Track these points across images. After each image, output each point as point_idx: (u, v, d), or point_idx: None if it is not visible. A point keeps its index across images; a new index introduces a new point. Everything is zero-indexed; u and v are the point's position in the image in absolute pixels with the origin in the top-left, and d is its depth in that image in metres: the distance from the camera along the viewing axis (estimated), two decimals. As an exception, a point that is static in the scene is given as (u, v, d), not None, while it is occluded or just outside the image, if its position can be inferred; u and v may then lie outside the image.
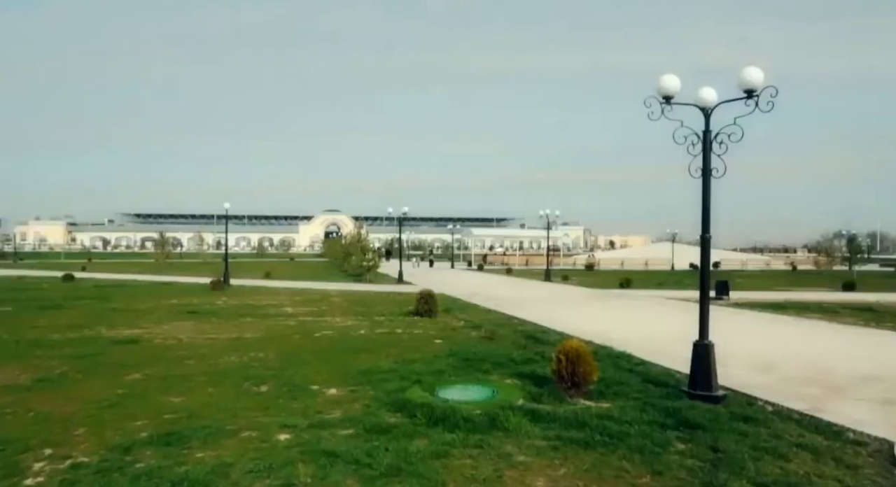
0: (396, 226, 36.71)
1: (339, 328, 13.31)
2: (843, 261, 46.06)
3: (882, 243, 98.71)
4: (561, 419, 6.22)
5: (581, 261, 59.49)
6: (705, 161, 7.14)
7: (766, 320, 15.75)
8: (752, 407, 6.83)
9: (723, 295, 20.83)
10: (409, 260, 61.74)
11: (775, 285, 30.06)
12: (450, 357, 9.71)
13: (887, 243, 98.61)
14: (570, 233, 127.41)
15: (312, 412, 6.58)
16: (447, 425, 6.03)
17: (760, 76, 6.77)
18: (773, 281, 33.26)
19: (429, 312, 15.01)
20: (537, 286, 29.59)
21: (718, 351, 7.30)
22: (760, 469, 4.96)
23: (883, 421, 6.31)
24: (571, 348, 7.18)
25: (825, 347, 11.35)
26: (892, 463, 5.15)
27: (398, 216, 34.34)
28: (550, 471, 4.97)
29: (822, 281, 32.34)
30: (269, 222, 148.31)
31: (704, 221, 7.29)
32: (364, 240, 33.86)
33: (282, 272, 38.81)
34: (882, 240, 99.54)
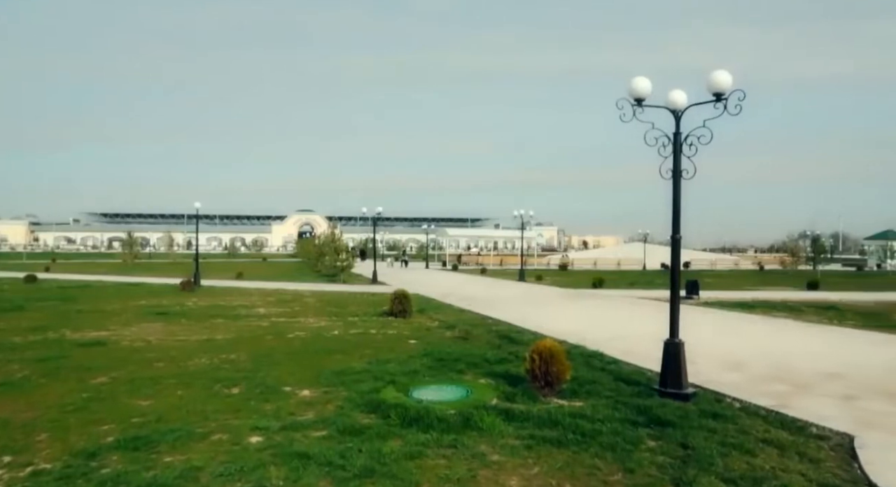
0: (371, 226, 36.52)
1: (313, 329, 13.19)
2: (808, 261, 47.30)
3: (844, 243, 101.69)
4: (534, 418, 6.25)
5: (555, 261, 59.98)
6: (676, 162, 7.25)
7: (734, 319, 16.08)
8: (721, 404, 6.96)
9: (693, 295, 21.22)
10: (385, 260, 61.52)
11: (743, 284, 30.73)
12: (424, 357, 9.69)
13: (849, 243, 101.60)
14: (545, 233, 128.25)
15: (285, 413, 6.51)
16: (421, 425, 6.02)
17: (729, 80, 6.91)
18: (741, 281, 33.99)
19: (403, 312, 14.97)
20: (511, 286, 29.74)
21: (688, 349, 7.43)
22: (728, 464, 5.06)
23: (844, 416, 6.50)
24: (545, 348, 7.22)
25: (791, 345, 11.63)
26: (853, 457, 5.30)
27: (372, 216, 34.18)
28: (524, 470, 4.99)
29: (788, 281, 33.17)
30: (241, 222, 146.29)
31: (675, 222, 7.41)
32: (338, 240, 33.61)
33: (254, 272, 38.32)
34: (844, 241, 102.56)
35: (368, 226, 42.15)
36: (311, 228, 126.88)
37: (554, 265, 55.87)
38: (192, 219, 38.50)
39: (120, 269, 42.02)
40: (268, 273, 38.93)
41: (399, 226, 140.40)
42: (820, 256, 45.45)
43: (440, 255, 66.75)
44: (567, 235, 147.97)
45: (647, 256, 54.15)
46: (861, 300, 21.57)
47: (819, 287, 26.87)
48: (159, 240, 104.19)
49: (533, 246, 72.76)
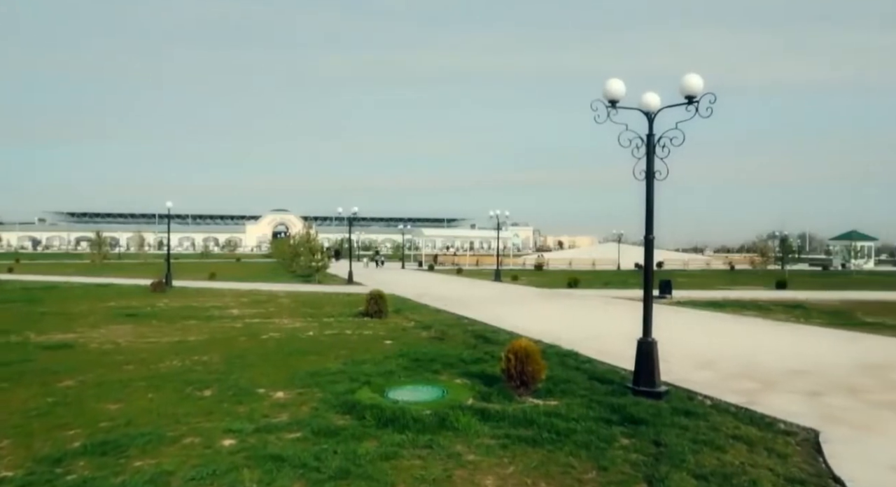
0: (346, 226, 36.28)
1: (287, 329, 13.06)
2: (777, 261, 48.39)
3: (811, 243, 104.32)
4: (510, 417, 6.28)
5: (530, 261, 60.35)
6: (649, 164, 7.35)
7: (706, 318, 16.37)
8: (693, 402, 7.08)
9: (666, 294, 21.54)
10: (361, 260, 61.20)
11: (715, 284, 31.31)
12: (400, 357, 9.67)
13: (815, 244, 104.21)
14: (520, 233, 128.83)
15: (258, 416, 6.43)
16: (397, 426, 6.00)
17: (700, 83, 7.03)
18: (712, 281, 34.62)
19: (379, 313, 14.91)
20: (487, 286, 29.83)
21: (661, 348, 7.54)
22: (699, 461, 5.14)
23: (810, 412, 6.67)
24: (520, 347, 7.26)
25: (760, 343, 11.88)
26: (818, 451, 5.44)
27: (348, 216, 33.97)
28: (499, 469, 5.01)
29: (757, 280, 33.88)
30: (214, 222, 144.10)
31: (648, 222, 7.51)
32: (313, 240, 33.34)
33: (227, 273, 37.79)
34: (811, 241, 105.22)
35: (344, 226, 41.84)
36: (285, 228, 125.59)
37: (529, 265, 56.19)
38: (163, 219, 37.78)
39: (88, 270, 41.04)
40: (242, 273, 38.42)
41: (375, 226, 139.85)
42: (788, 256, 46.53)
43: (416, 255, 66.65)
44: (543, 235, 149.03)
45: (622, 256, 54.78)
46: (826, 299, 22.14)
47: (787, 286, 27.50)
48: (129, 240, 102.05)
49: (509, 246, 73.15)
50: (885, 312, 17.53)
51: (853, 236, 62.31)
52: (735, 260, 64.33)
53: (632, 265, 51.47)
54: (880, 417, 6.58)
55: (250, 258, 79.99)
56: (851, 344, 11.81)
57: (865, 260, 60.41)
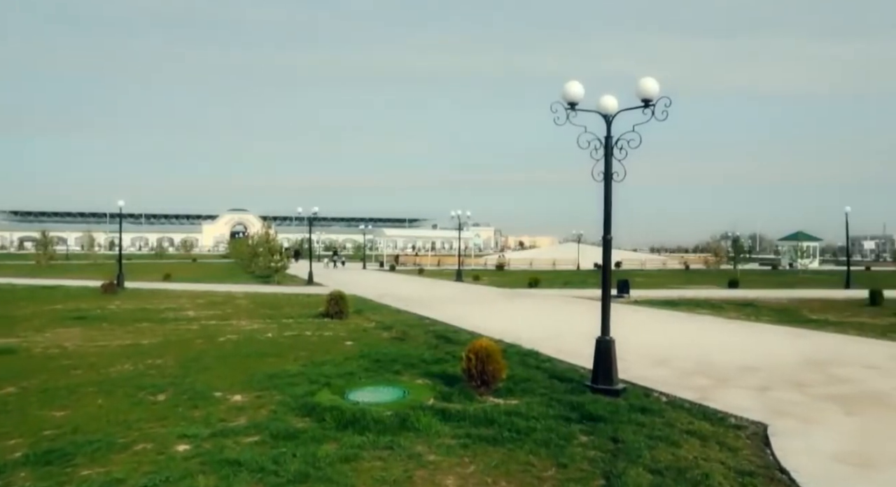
0: (307, 226, 35.81)
1: (245, 331, 12.80)
2: (729, 261, 49.95)
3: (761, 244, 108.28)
4: (470, 417, 6.30)
5: (492, 262, 60.73)
6: (607, 165, 7.49)
7: (662, 316, 16.78)
8: (649, 399, 7.24)
9: (623, 294, 21.99)
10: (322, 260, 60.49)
11: (670, 283, 32.14)
12: (360, 358, 9.59)
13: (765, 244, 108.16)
14: (482, 233, 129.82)
15: (215, 420, 6.27)
16: (357, 427, 5.95)
17: (656, 87, 7.20)
18: (668, 280, 35.52)
19: (339, 314, 14.76)
20: (449, 286, 29.90)
21: (619, 346, 7.68)
22: (655, 456, 5.26)
23: (759, 407, 6.91)
24: (481, 347, 7.30)
25: (713, 341, 12.25)
26: (766, 444, 5.64)
27: (308, 216, 33.55)
28: (460, 469, 5.02)
29: (711, 279, 34.94)
30: (169, 221, 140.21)
31: (606, 223, 7.64)
32: (272, 240, 32.78)
33: (183, 273, 36.81)
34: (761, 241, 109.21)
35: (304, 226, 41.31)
36: (244, 228, 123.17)
37: (491, 265, 56.54)
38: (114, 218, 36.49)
39: (33, 271, 39.34)
40: (198, 274, 37.49)
41: (336, 226, 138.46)
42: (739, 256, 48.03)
43: (377, 256, 66.30)
44: (504, 236, 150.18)
45: (581, 256, 55.69)
46: (775, 297, 23.00)
47: (739, 285, 28.46)
48: (78, 240, 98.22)
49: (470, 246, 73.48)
50: (828, 309, 18.33)
51: (799, 237, 64.90)
52: (690, 260, 66.19)
53: (591, 265, 52.36)
54: (823, 410, 6.87)
55: (207, 258, 78.13)
56: (797, 340, 12.29)
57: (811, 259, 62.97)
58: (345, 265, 55.20)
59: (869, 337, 12.73)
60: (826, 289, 27.39)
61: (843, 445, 5.67)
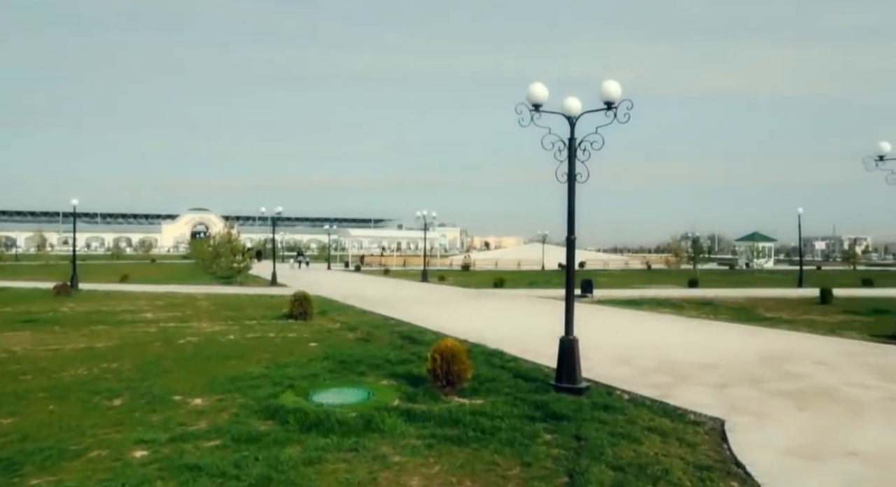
0: (270, 226, 35.27)
1: (206, 333, 12.52)
2: (689, 261, 51.23)
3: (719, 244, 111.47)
4: (436, 417, 6.30)
5: (458, 262, 60.89)
6: (570, 167, 7.58)
7: (624, 315, 17.09)
8: (612, 397, 7.36)
9: (587, 294, 22.30)
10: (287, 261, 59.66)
11: (633, 283, 32.76)
12: (325, 360, 9.50)
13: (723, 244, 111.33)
14: (448, 234, 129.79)
15: (174, 424, 6.12)
16: (321, 429, 5.88)
17: (618, 89, 7.33)
18: (631, 280, 36.21)
19: (303, 315, 14.58)
20: (414, 286, 29.85)
21: (582, 345, 7.79)
22: (617, 453, 5.35)
23: (717, 403, 7.10)
24: (446, 347, 7.30)
25: (674, 339, 12.54)
26: (723, 439, 5.80)
27: (272, 216, 33.06)
28: (425, 470, 5.01)
29: (672, 279, 35.75)
30: (126, 221, 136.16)
31: (570, 224, 7.74)
32: (235, 240, 32.18)
33: (142, 274, 35.82)
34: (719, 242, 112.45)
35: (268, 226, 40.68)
36: (205, 228, 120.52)
37: (457, 265, 56.71)
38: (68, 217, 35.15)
39: (-19, 272, 37.75)
40: (157, 275, 36.53)
41: (300, 226, 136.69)
42: (699, 256, 49.31)
43: (343, 256, 65.75)
44: (470, 236, 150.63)
45: (546, 256, 56.32)
46: (732, 296, 23.68)
47: (698, 284, 29.21)
48: (29, 240, 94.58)
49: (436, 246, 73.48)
50: (782, 307, 18.97)
51: (755, 237, 67.01)
52: (652, 260, 67.63)
53: (556, 265, 52.98)
54: (777, 405, 7.10)
55: (167, 259, 76.21)
56: (753, 337, 12.67)
57: (766, 259, 65.14)
58: (309, 266, 54.58)
59: (819, 333, 13.22)
60: (780, 288, 28.34)
61: (795, 439, 5.87)
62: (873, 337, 12.71)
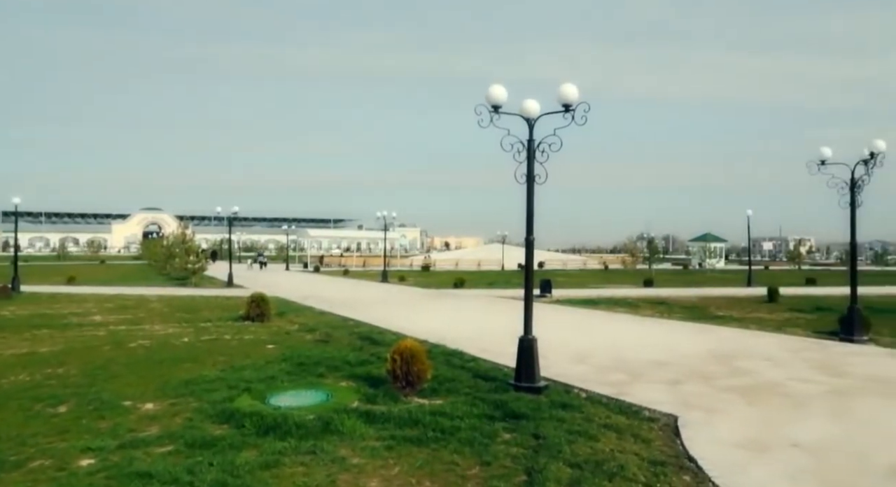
0: (226, 226, 34.50)
1: (159, 336, 12.15)
2: (645, 261, 52.51)
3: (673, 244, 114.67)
4: (395, 418, 6.27)
5: (418, 262, 60.82)
6: (529, 168, 7.66)
7: (582, 315, 17.38)
8: (569, 395, 7.47)
9: (546, 293, 22.59)
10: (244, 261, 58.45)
11: (590, 282, 33.34)
12: (283, 362, 9.34)
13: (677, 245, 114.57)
14: (408, 234, 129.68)
15: (123, 431, 5.91)
16: (278, 433, 5.78)
17: (576, 92, 7.44)
18: (588, 279, 36.84)
19: (261, 316, 14.31)
20: (374, 287, 29.67)
21: (541, 344, 7.88)
22: (574, 450, 5.43)
23: (670, 399, 7.29)
24: (406, 348, 7.28)
25: (629, 338, 12.81)
26: (676, 434, 5.96)
27: (228, 215, 32.33)
28: (384, 471, 4.98)
29: (628, 279, 36.55)
30: (73, 220, 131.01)
31: (528, 224, 7.82)
32: (189, 240, 31.34)
33: (90, 276, 34.53)
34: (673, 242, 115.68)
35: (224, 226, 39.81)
36: (158, 228, 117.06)
37: (417, 266, 56.61)
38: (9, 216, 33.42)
39: (-86, 274, 35.69)
40: (107, 276, 35.27)
41: (258, 226, 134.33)
42: (654, 256, 50.62)
43: (301, 257, 64.83)
44: (430, 236, 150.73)
45: (506, 257, 56.77)
46: (685, 295, 24.37)
47: (653, 284, 29.96)
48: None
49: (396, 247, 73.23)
50: (732, 306, 19.63)
51: (708, 238, 69.15)
52: (609, 261, 68.96)
53: (515, 265, 53.45)
54: (727, 400, 7.34)
55: (117, 260, 73.69)
56: (705, 335, 13.07)
57: (717, 259, 67.31)
58: (266, 266, 53.58)
59: (767, 331, 13.73)
60: (730, 288, 29.31)
61: (743, 433, 6.07)
62: (816, 333, 13.29)
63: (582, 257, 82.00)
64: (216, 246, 74.44)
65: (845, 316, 12.56)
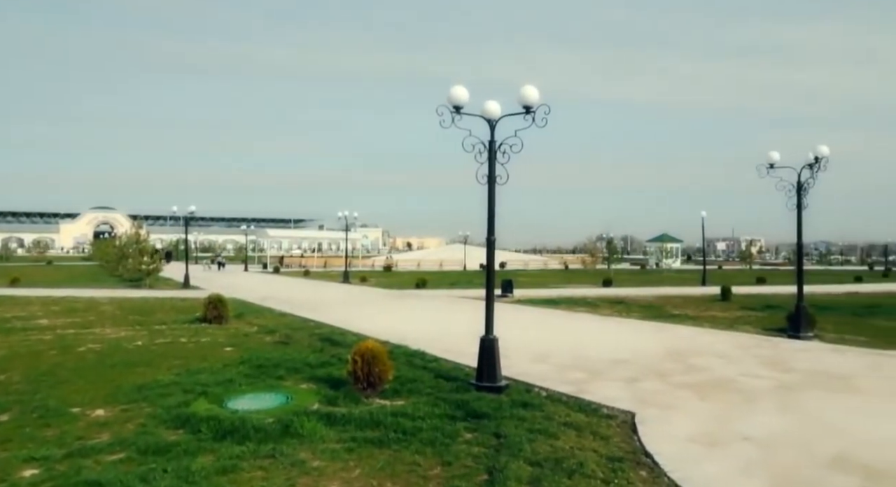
0: (183, 225, 33.60)
1: (110, 340, 11.75)
2: (604, 261, 53.48)
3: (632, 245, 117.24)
4: (356, 420, 6.22)
5: (380, 263, 60.49)
6: (490, 169, 7.71)
7: (543, 314, 17.58)
8: (530, 394, 7.54)
9: (507, 293, 22.77)
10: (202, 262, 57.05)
11: (551, 282, 33.77)
12: (241, 364, 9.15)
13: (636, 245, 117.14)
14: (370, 234, 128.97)
15: (71, 439, 5.69)
16: (236, 437, 5.66)
17: (536, 94, 7.52)
18: (549, 279, 37.31)
19: (218, 318, 13.99)
20: (335, 287, 29.38)
21: (502, 344, 7.93)
22: (535, 449, 5.49)
23: (628, 397, 7.44)
24: (367, 349, 7.23)
25: (588, 336, 13.03)
26: (633, 431, 6.09)
27: (184, 215, 31.49)
28: (345, 474, 4.94)
29: (588, 278, 37.16)
30: (17, 219, 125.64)
31: (490, 225, 7.86)
32: (143, 240, 30.39)
33: (35, 277, 33.17)
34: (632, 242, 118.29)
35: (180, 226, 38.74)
36: (110, 228, 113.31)
37: (379, 266, 56.29)
38: (-50, 216, 31.55)
39: None
40: (54, 278, 33.92)
41: (216, 226, 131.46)
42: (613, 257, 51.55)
43: (261, 257, 63.69)
44: (392, 237, 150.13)
45: (468, 257, 56.94)
46: (643, 294, 24.94)
47: (612, 284, 30.55)
48: None
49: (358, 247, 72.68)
50: (687, 305, 20.18)
51: (664, 239, 70.91)
52: (569, 261, 69.94)
53: (477, 265, 53.66)
54: (682, 397, 7.54)
55: (66, 261, 70.95)
56: (661, 333, 13.39)
57: (674, 259, 69.14)
58: (225, 267, 52.45)
59: (720, 328, 14.17)
60: (686, 287, 30.12)
61: (697, 428, 6.25)
62: (766, 330, 13.78)
63: (543, 257, 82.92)
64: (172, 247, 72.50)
65: (792, 314, 13.05)
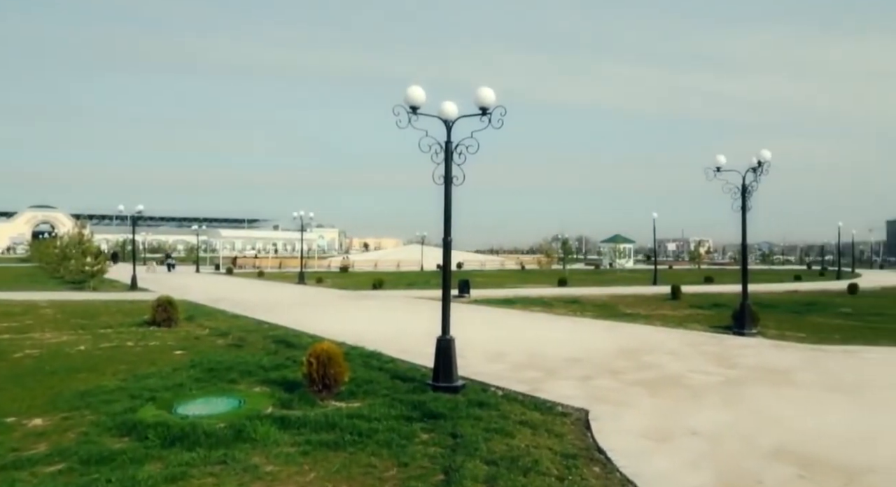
0: (130, 225, 32.42)
1: (50, 345, 11.23)
2: (559, 261, 54.36)
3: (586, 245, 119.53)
4: (311, 423, 6.13)
5: (336, 263, 59.85)
6: (447, 169, 7.72)
7: (499, 314, 17.72)
8: (486, 393, 7.59)
9: (464, 293, 22.87)
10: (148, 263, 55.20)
11: (507, 282, 34.09)
12: (192, 368, 8.89)
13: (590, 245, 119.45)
14: (326, 235, 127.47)
15: (4, 450, 5.40)
16: (186, 443, 5.49)
17: (492, 96, 7.58)
18: (506, 279, 37.65)
19: (168, 321, 13.56)
20: (290, 289, 28.92)
21: (459, 344, 7.96)
22: (491, 447, 5.53)
23: (582, 395, 7.58)
24: (322, 350, 7.13)
25: (543, 335, 13.20)
26: (587, 428, 6.21)
27: (132, 214, 30.41)
28: (299, 477, 4.86)
29: (543, 278, 37.67)
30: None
31: (446, 225, 7.88)
32: (87, 240, 29.20)
33: (-31, 280, 31.41)
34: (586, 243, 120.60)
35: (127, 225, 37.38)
36: (51, 227, 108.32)
37: (335, 267, 55.69)
38: None
39: None
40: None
41: (165, 225, 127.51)
42: (568, 257, 52.47)
43: (213, 258, 62.11)
44: (349, 237, 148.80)
45: (425, 257, 56.94)
46: (597, 294, 25.45)
47: (567, 283, 31.06)
48: None
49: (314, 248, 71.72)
50: (639, 304, 20.70)
51: (617, 240, 72.53)
52: (525, 261, 70.82)
53: (435, 266, 53.72)
54: (634, 393, 7.72)
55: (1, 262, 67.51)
56: (614, 332, 13.70)
57: (627, 259, 70.81)
58: (175, 268, 50.90)
59: (670, 327, 14.59)
60: (638, 286, 30.90)
61: (648, 423, 6.41)
62: (713, 328, 14.27)
63: (500, 258, 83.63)
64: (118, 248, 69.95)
65: (738, 312, 13.56)
